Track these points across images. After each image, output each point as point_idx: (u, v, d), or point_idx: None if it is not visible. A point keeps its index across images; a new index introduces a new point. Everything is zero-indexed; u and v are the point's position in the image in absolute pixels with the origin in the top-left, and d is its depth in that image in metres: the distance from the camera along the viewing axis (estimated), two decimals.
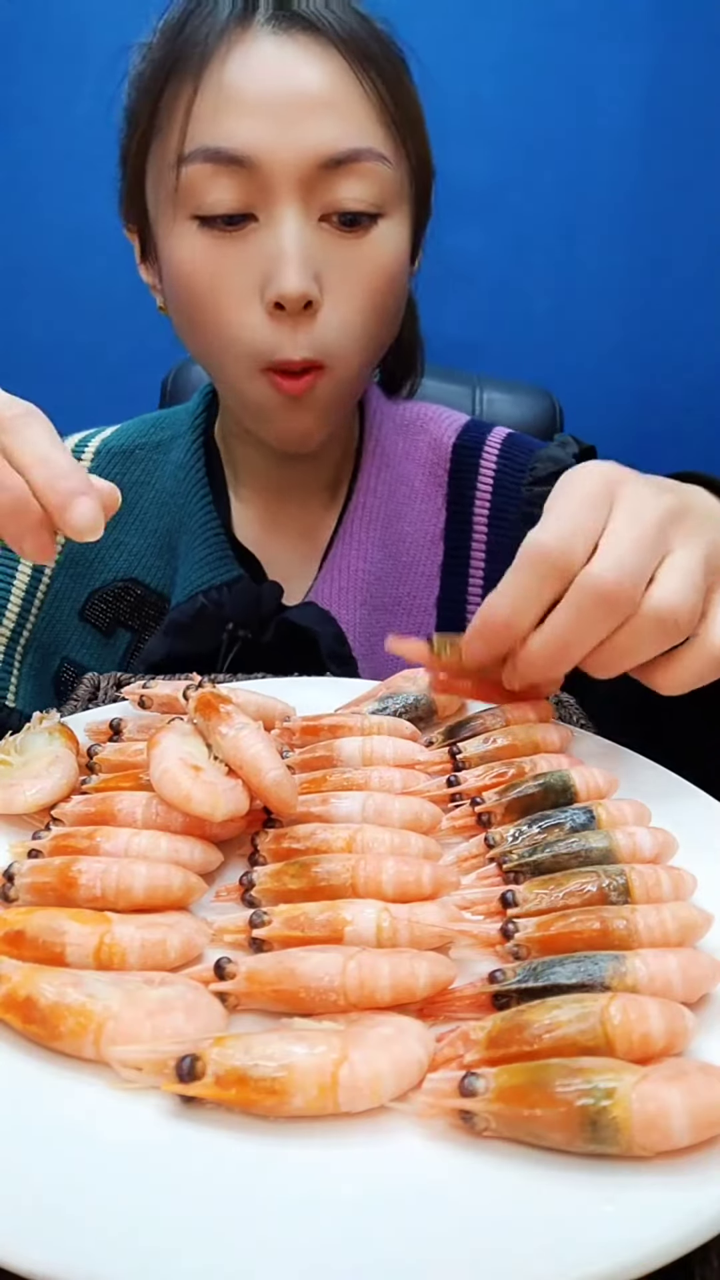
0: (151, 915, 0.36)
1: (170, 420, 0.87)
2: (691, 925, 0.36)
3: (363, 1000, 0.33)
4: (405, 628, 0.79)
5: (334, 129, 0.64)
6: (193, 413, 0.85)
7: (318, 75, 0.65)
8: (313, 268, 0.65)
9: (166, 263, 0.70)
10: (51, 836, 0.40)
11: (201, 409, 0.85)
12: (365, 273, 0.68)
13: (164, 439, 0.85)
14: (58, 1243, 0.24)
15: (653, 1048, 0.30)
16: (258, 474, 0.82)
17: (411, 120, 0.70)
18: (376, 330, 0.70)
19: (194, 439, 0.83)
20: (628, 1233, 0.25)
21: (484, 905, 0.39)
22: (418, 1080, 0.30)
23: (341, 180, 0.65)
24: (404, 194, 0.70)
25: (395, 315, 0.73)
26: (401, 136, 0.69)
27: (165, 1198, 0.26)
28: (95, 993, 0.31)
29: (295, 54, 0.65)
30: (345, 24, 0.66)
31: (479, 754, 0.49)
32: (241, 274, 0.66)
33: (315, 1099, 0.28)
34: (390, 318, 0.72)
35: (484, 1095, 0.28)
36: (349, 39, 0.66)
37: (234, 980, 0.33)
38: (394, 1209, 0.26)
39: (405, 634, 0.51)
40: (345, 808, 0.44)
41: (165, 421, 0.87)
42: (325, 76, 0.65)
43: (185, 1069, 0.28)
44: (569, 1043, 0.30)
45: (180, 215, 0.67)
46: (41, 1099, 0.30)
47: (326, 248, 0.66)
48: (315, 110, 0.64)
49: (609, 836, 0.40)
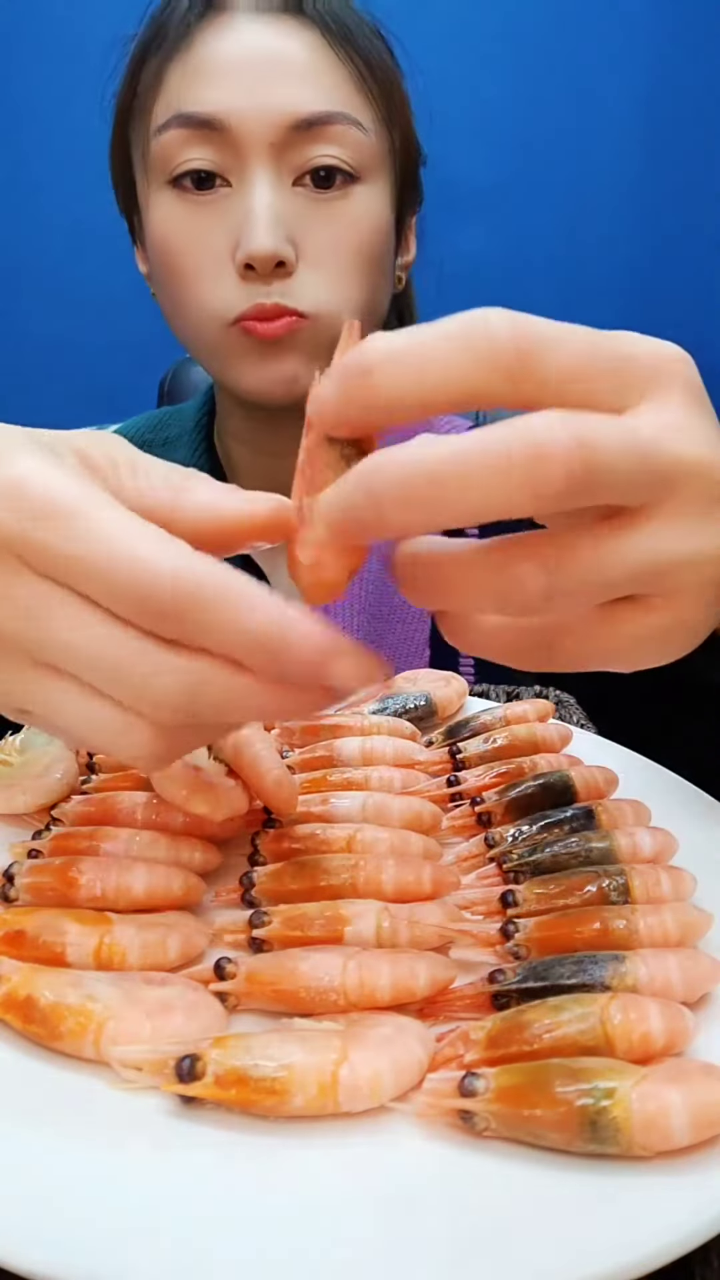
0: (151, 915, 0.36)
1: (176, 418, 0.86)
2: (691, 925, 0.36)
3: (362, 1000, 0.33)
4: (403, 636, 0.78)
5: (306, 93, 0.65)
6: (196, 412, 0.84)
7: (293, 45, 0.65)
8: (285, 229, 0.65)
9: (148, 236, 0.71)
10: (51, 836, 0.40)
11: (204, 409, 0.84)
12: (343, 233, 0.67)
13: (171, 436, 0.85)
14: (58, 1243, 0.24)
15: (653, 1048, 0.30)
16: (251, 476, 0.82)
17: (390, 95, 0.70)
18: (358, 291, 0.69)
19: (198, 439, 0.83)
20: (628, 1233, 0.25)
21: (484, 905, 0.39)
22: (418, 1080, 0.30)
23: (314, 143, 0.65)
24: (383, 164, 0.70)
25: (377, 281, 0.72)
26: (380, 109, 0.69)
27: (165, 1198, 0.26)
28: (95, 993, 0.31)
29: (271, 28, 0.66)
30: (325, 5, 0.67)
31: (479, 754, 0.49)
32: (214, 237, 0.66)
33: (315, 1099, 0.28)
34: (372, 282, 0.70)
35: (484, 1095, 0.28)
36: (328, 16, 0.67)
37: (234, 980, 0.33)
38: (394, 1209, 0.26)
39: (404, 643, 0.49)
40: (345, 808, 0.44)
41: (171, 419, 0.87)
42: (301, 47, 0.66)
43: (185, 1069, 0.28)
44: (569, 1043, 0.30)
45: (157, 184, 0.68)
46: (41, 1099, 0.30)
47: (302, 212, 0.66)
48: (288, 75, 0.65)
49: (609, 836, 0.40)
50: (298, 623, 0.27)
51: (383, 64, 0.69)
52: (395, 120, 0.70)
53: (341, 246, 0.67)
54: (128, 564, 0.26)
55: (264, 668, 0.28)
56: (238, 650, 0.27)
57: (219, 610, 0.27)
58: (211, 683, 0.28)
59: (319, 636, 0.27)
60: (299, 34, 0.66)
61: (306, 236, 0.66)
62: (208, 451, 0.82)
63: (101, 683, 0.28)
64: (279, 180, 0.65)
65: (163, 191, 0.67)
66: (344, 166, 0.66)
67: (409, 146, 0.73)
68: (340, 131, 0.65)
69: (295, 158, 0.65)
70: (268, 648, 0.27)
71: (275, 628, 0.27)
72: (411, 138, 0.73)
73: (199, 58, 0.65)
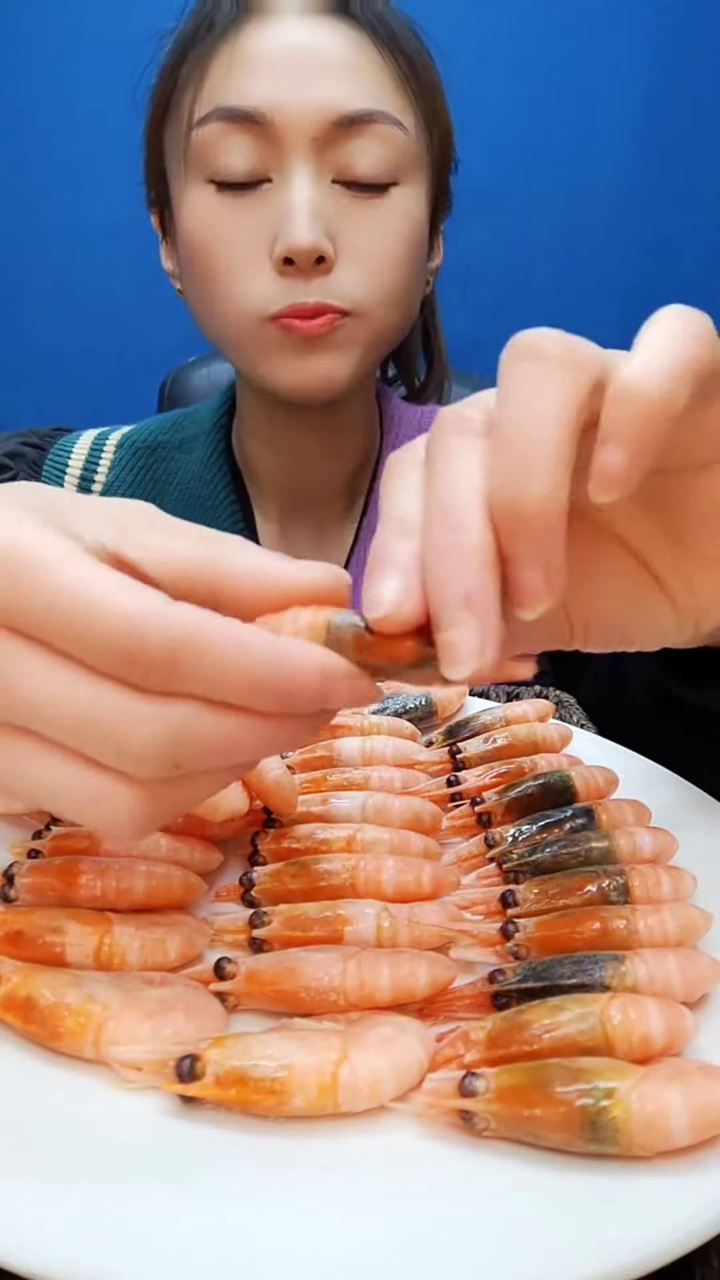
0: (151, 915, 0.36)
1: (192, 419, 0.85)
2: (691, 925, 0.36)
3: (363, 1000, 0.33)
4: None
5: (349, 90, 0.64)
6: (214, 413, 0.83)
7: (337, 43, 0.65)
8: (324, 225, 0.64)
9: (180, 230, 0.70)
10: (51, 836, 0.40)
11: (223, 410, 0.83)
12: (381, 233, 0.67)
13: (186, 438, 0.84)
14: (58, 1243, 0.24)
15: (653, 1048, 0.30)
16: (271, 478, 0.81)
17: (432, 97, 0.70)
18: (396, 290, 0.69)
19: (217, 440, 0.82)
20: (628, 1233, 0.25)
21: (484, 905, 0.39)
22: (418, 1080, 0.30)
23: (355, 141, 0.65)
24: (421, 166, 0.69)
25: (412, 281, 0.71)
26: (421, 110, 0.68)
27: (165, 1198, 0.26)
28: (95, 993, 0.31)
29: (315, 26, 0.66)
30: (370, 5, 0.67)
31: (479, 754, 0.49)
32: (252, 233, 0.65)
33: (315, 1099, 0.28)
34: (407, 282, 0.70)
35: (484, 1095, 0.28)
36: (372, 17, 0.67)
37: (234, 980, 0.33)
38: (393, 1209, 0.26)
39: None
40: (345, 807, 0.44)
41: (186, 420, 0.85)
42: (344, 45, 0.65)
43: (185, 1069, 0.28)
44: (569, 1043, 0.30)
45: (194, 178, 0.67)
46: (41, 1099, 0.30)
47: (341, 209, 0.66)
48: (332, 71, 0.64)
49: (609, 836, 0.40)
50: (294, 650, 0.26)
51: (425, 66, 0.69)
52: (435, 122, 0.70)
53: (379, 245, 0.67)
54: (108, 612, 0.24)
55: (264, 703, 0.26)
56: (237, 689, 0.26)
57: (212, 651, 0.25)
58: (197, 726, 0.26)
59: (318, 658, 0.26)
60: (343, 33, 0.66)
61: (345, 234, 0.65)
62: (225, 453, 0.82)
63: (77, 742, 0.26)
64: (319, 176, 0.65)
65: (200, 185, 0.67)
66: (384, 178, 0.66)
67: (446, 150, 0.73)
68: (382, 131, 0.65)
69: (336, 155, 0.65)
70: (268, 681, 0.26)
71: (273, 658, 0.25)
72: (449, 141, 0.73)
73: (242, 52, 0.65)
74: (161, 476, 0.81)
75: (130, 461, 0.82)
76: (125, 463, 0.82)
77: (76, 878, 0.37)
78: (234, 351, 0.72)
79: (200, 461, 0.81)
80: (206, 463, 0.81)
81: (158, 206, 0.75)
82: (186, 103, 0.67)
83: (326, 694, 0.26)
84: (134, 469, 0.81)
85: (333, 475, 0.80)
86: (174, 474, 0.82)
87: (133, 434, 0.84)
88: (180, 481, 0.81)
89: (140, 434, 0.84)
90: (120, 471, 0.82)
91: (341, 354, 0.68)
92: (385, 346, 0.72)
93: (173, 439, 0.84)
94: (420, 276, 0.73)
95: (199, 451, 0.82)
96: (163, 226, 0.76)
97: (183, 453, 0.83)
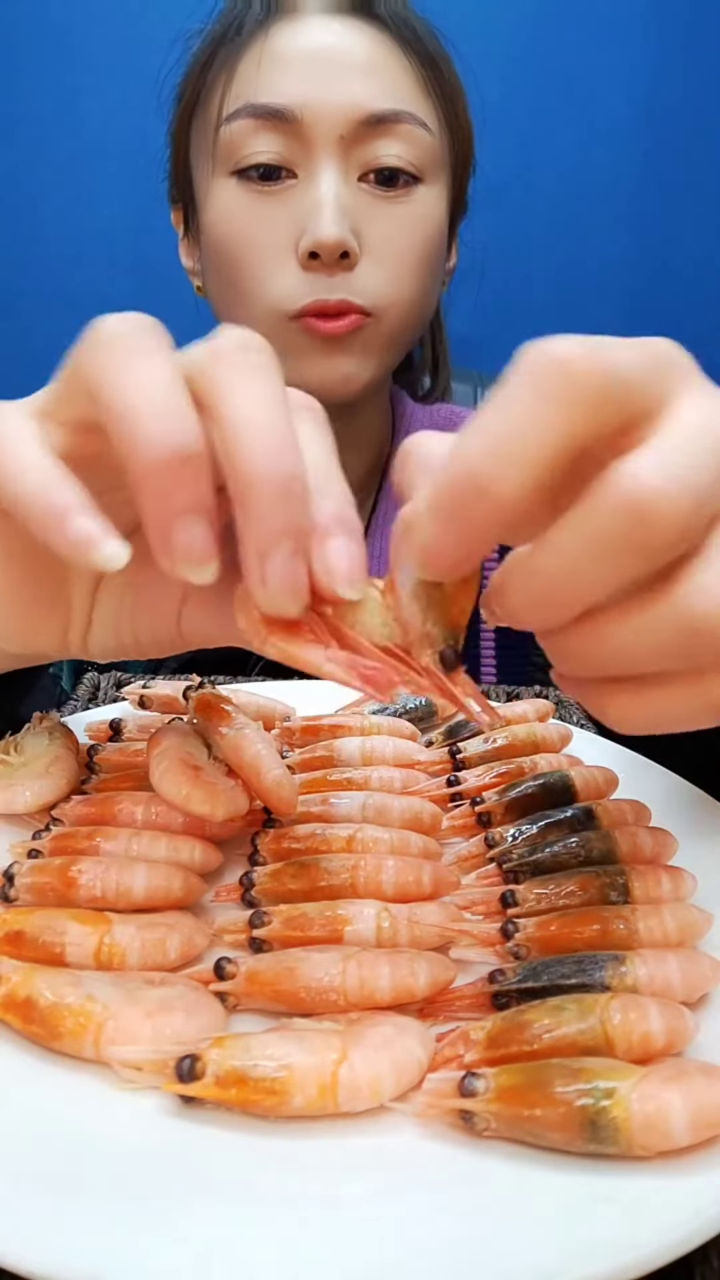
0: (151, 915, 0.36)
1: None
2: (691, 925, 0.36)
3: (362, 1000, 0.33)
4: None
5: (376, 89, 0.65)
6: None
7: (363, 43, 0.66)
8: (350, 221, 0.65)
9: (205, 226, 0.70)
10: (51, 836, 0.40)
11: None
12: (405, 231, 0.68)
13: None
14: (58, 1243, 0.24)
15: (653, 1048, 0.30)
16: None
17: (454, 99, 0.71)
18: (416, 289, 0.69)
19: None
20: (628, 1233, 0.25)
21: (484, 905, 0.39)
22: (418, 1080, 0.30)
23: (381, 139, 0.66)
24: (443, 166, 0.71)
25: (432, 281, 0.72)
26: (443, 112, 0.70)
27: (165, 1198, 0.26)
28: (95, 993, 0.31)
29: (342, 25, 0.67)
30: (393, 6, 0.68)
31: (479, 754, 0.49)
32: (278, 228, 0.66)
33: (315, 1099, 0.28)
34: (428, 282, 0.71)
35: (484, 1095, 0.28)
36: (396, 18, 0.68)
37: (234, 980, 0.33)
38: (393, 1209, 0.26)
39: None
40: (345, 808, 0.44)
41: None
42: (370, 44, 0.67)
43: (185, 1069, 0.28)
44: (569, 1043, 0.30)
45: (220, 172, 0.68)
46: (41, 1099, 0.30)
47: (366, 207, 0.66)
48: (358, 71, 0.66)
49: (609, 836, 0.40)
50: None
51: (448, 68, 0.71)
52: (457, 124, 0.72)
53: (403, 243, 0.68)
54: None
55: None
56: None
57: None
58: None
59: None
60: (368, 33, 0.67)
61: (369, 231, 0.66)
62: None
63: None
64: (345, 173, 0.66)
65: (226, 181, 0.67)
66: (408, 168, 0.67)
67: (466, 153, 0.74)
68: (407, 130, 0.66)
69: (362, 153, 0.66)
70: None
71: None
72: (469, 144, 0.74)
73: (272, 50, 0.66)
74: None
75: None
76: None
77: (76, 878, 0.37)
78: None
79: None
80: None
81: (180, 204, 0.76)
82: (215, 100, 0.68)
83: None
84: None
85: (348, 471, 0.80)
86: None
87: None
88: None
89: None
90: None
91: (362, 356, 0.69)
92: (404, 347, 0.73)
93: None
94: (439, 277, 0.74)
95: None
96: (184, 223, 0.77)
97: None
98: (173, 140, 0.74)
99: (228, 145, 0.66)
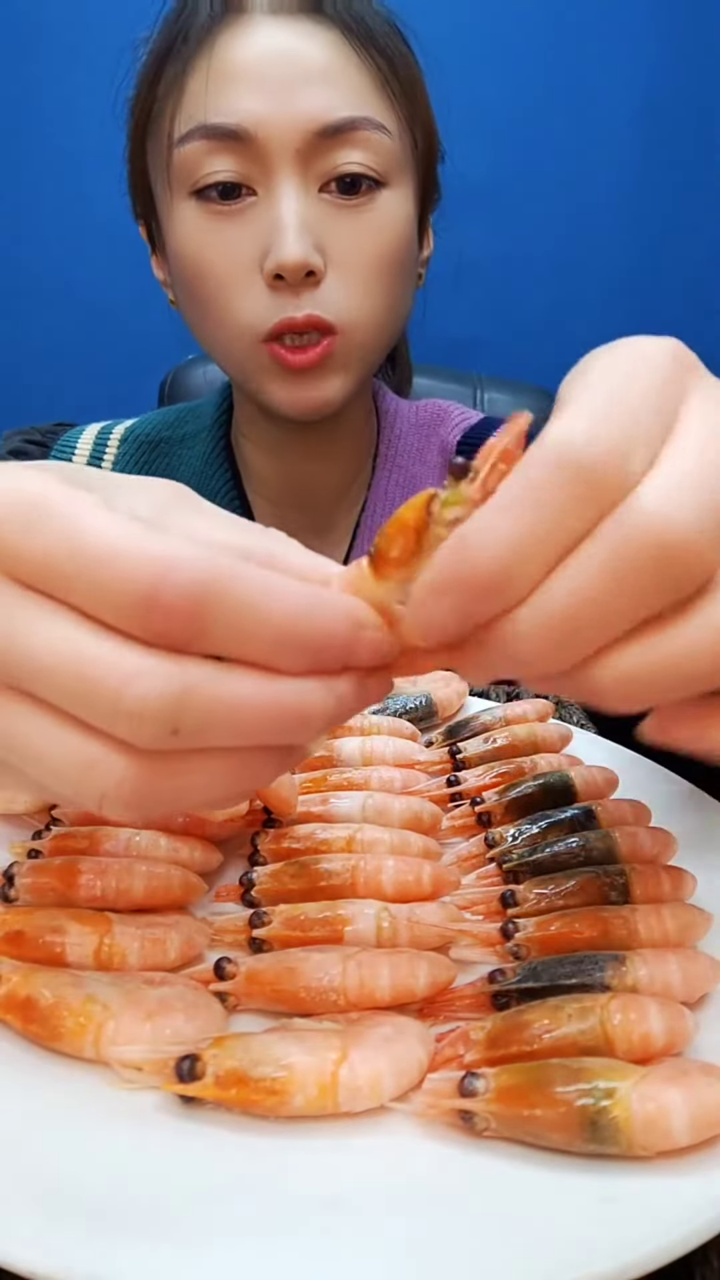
0: (151, 915, 0.36)
1: (194, 414, 0.86)
2: (691, 925, 0.36)
3: (362, 1000, 0.33)
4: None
5: (331, 98, 0.64)
6: (214, 410, 0.84)
7: (314, 48, 0.65)
8: (313, 237, 0.64)
9: (169, 248, 0.70)
10: (51, 836, 0.40)
11: (222, 408, 0.83)
12: (370, 240, 0.67)
13: (188, 433, 0.84)
14: (58, 1243, 0.24)
15: (653, 1048, 0.30)
16: (268, 479, 0.81)
17: (413, 95, 0.69)
18: (386, 299, 0.69)
19: (217, 436, 0.82)
20: (628, 1233, 0.25)
21: (484, 905, 0.39)
22: (418, 1080, 0.30)
23: (339, 149, 0.64)
24: (406, 166, 0.69)
25: (405, 287, 0.71)
26: (403, 110, 0.68)
27: (165, 1198, 0.26)
28: (95, 993, 0.31)
29: (291, 30, 0.65)
30: (344, 4, 0.66)
31: (479, 754, 0.49)
32: (241, 248, 0.65)
33: (315, 1099, 0.28)
34: (400, 289, 0.70)
35: (484, 1095, 0.28)
36: (346, 15, 0.66)
37: (234, 980, 0.33)
38: (393, 1209, 0.26)
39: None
40: (345, 807, 0.44)
41: (189, 415, 0.86)
42: (322, 49, 0.65)
43: (185, 1069, 0.28)
44: (569, 1043, 0.30)
45: (179, 194, 0.67)
46: (42, 1099, 0.30)
47: (328, 219, 0.65)
48: (311, 81, 0.64)
49: (609, 836, 0.40)
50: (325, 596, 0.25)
51: (404, 62, 0.69)
52: (417, 119, 0.70)
53: (369, 254, 0.67)
54: (130, 553, 0.23)
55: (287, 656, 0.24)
56: (260, 637, 0.24)
57: (239, 592, 0.23)
58: (204, 685, 0.23)
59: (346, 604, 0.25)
60: (319, 35, 0.65)
61: (334, 243, 0.65)
62: (225, 450, 0.82)
63: (74, 702, 0.24)
64: (305, 187, 0.65)
65: (185, 202, 0.66)
66: (369, 174, 0.65)
67: (430, 143, 0.72)
68: (365, 137, 0.65)
69: (321, 164, 0.65)
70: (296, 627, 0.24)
71: (304, 602, 0.24)
72: (433, 135, 0.72)
73: (219, 64, 0.64)
74: (164, 471, 0.82)
75: (134, 456, 0.82)
76: (129, 457, 0.82)
77: (76, 878, 0.37)
78: (232, 369, 0.72)
79: (201, 458, 0.82)
80: (207, 459, 0.81)
81: (144, 219, 0.75)
82: (166, 120, 0.67)
83: (353, 645, 0.25)
84: (138, 463, 0.82)
85: (330, 477, 0.80)
86: (176, 469, 0.82)
87: (136, 428, 0.85)
88: (182, 477, 0.81)
89: (144, 428, 0.84)
90: (125, 466, 0.82)
91: (335, 377, 0.68)
92: (379, 355, 0.73)
93: (175, 434, 0.84)
94: (411, 277, 0.73)
95: (199, 447, 0.82)
96: (150, 238, 0.76)
97: (184, 448, 0.83)
98: (130, 158, 0.73)
99: (183, 167, 0.65)
